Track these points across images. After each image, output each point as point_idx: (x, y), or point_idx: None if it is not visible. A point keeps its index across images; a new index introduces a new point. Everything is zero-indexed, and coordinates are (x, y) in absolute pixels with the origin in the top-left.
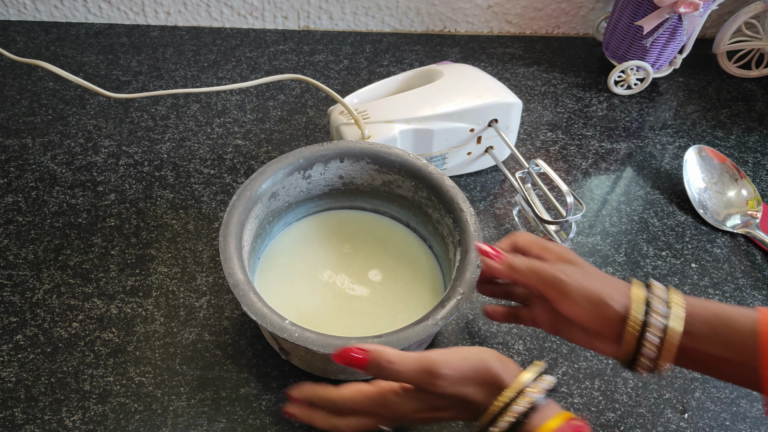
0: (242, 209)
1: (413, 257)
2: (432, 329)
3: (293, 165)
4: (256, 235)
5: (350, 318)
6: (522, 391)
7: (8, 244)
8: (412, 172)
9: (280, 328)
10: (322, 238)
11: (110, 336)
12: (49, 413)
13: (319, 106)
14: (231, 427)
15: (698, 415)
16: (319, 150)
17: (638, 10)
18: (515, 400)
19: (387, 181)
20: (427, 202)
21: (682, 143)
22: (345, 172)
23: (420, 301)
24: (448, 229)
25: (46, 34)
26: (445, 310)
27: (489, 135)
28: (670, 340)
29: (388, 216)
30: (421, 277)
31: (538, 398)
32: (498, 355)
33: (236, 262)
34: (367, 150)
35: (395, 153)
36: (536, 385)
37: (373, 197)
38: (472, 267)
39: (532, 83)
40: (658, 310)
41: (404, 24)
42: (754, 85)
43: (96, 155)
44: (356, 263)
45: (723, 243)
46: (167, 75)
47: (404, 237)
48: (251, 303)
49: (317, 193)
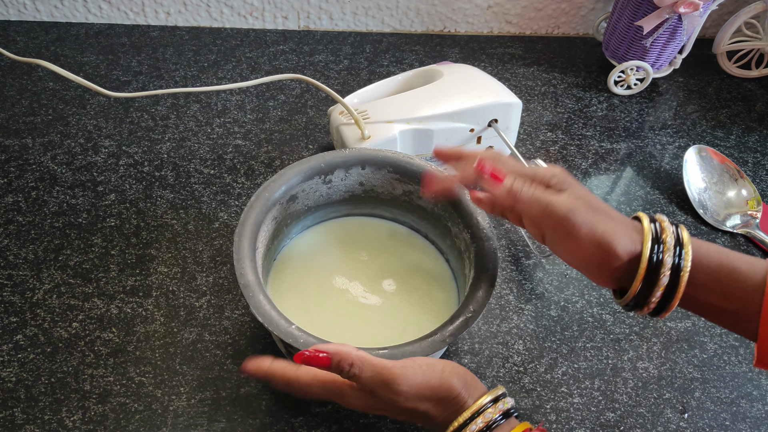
0: (259, 210)
1: (429, 270)
2: (439, 346)
3: (314, 169)
4: (273, 237)
5: (360, 327)
6: (480, 412)
7: (8, 244)
8: None
9: (286, 332)
10: (340, 243)
11: (110, 336)
12: (49, 413)
13: (319, 106)
14: (231, 427)
15: (698, 415)
16: (341, 156)
17: (638, 10)
18: (474, 420)
19: (407, 191)
20: (446, 215)
21: (682, 143)
22: (366, 180)
23: (432, 315)
24: (465, 244)
25: (46, 34)
26: (453, 327)
27: (489, 135)
28: (681, 284)
29: (408, 226)
30: (435, 291)
31: (496, 418)
32: (460, 372)
33: (248, 263)
34: (389, 159)
35: (417, 164)
36: (495, 407)
37: (393, 206)
38: (485, 285)
39: (532, 83)
40: (669, 248)
41: (404, 24)
42: (754, 85)
43: (96, 155)
44: (371, 271)
45: (723, 243)
46: (167, 75)
47: (422, 249)
48: (260, 305)
49: (337, 199)
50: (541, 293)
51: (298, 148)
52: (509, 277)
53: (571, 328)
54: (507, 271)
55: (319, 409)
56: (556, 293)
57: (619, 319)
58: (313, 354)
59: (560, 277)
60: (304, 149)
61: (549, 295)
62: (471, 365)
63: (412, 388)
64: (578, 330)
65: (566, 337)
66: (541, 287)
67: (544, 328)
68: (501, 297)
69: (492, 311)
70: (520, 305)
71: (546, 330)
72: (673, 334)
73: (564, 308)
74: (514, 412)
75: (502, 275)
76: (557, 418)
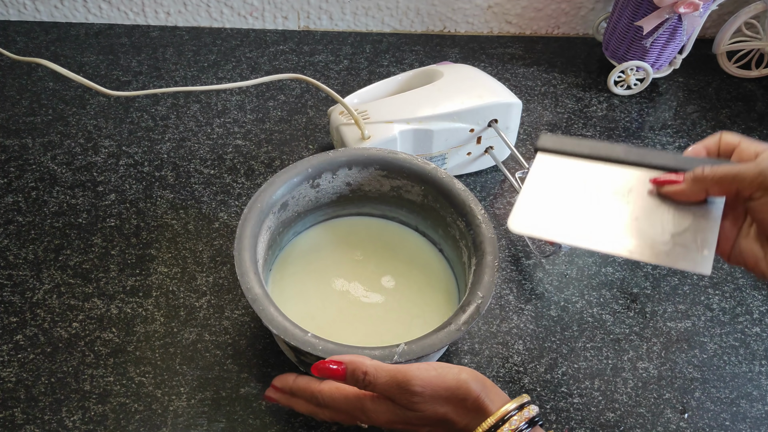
0: (254, 221)
1: (425, 262)
2: (455, 335)
3: (302, 174)
4: (268, 247)
5: (367, 326)
6: (505, 420)
7: (8, 244)
8: (421, 176)
9: (303, 341)
10: (332, 246)
11: (110, 336)
12: (49, 413)
13: (319, 106)
14: (231, 427)
15: (698, 415)
16: (327, 158)
17: (638, 10)
18: (500, 427)
19: (395, 186)
20: (438, 206)
21: (682, 143)
22: (353, 179)
23: (435, 306)
24: (460, 232)
25: (46, 34)
26: (466, 315)
27: (489, 135)
28: None
29: (397, 221)
30: (434, 282)
31: (522, 426)
32: (478, 376)
33: (253, 276)
34: (375, 156)
35: (403, 158)
36: (520, 414)
37: (381, 203)
38: (489, 270)
39: (532, 83)
40: None
41: (404, 24)
42: (754, 86)
43: (96, 155)
44: (368, 270)
45: None
46: (167, 75)
47: (414, 242)
48: (272, 318)
49: (325, 201)
50: (541, 293)
51: (298, 148)
52: (509, 277)
53: (571, 328)
54: (507, 271)
55: None
56: (556, 293)
57: (619, 319)
58: (327, 365)
59: (560, 277)
60: (304, 149)
61: (549, 295)
62: (471, 365)
63: (427, 388)
64: (578, 330)
65: (566, 337)
66: (541, 287)
67: (544, 328)
68: (501, 297)
69: (492, 311)
70: (520, 305)
71: (546, 330)
72: (673, 334)
73: (564, 308)
74: (539, 420)
75: (502, 275)
76: (557, 418)
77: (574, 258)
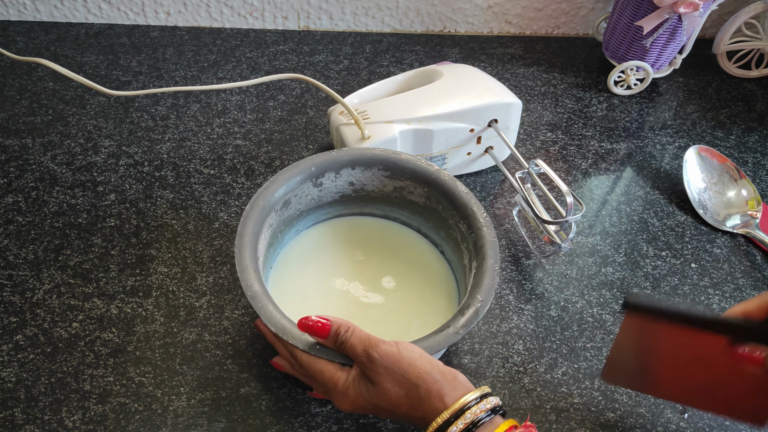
0: (256, 219)
1: (426, 263)
2: (453, 338)
3: (305, 173)
4: (269, 244)
5: (366, 326)
6: (464, 409)
7: (8, 244)
8: (424, 178)
9: (301, 340)
10: (334, 245)
11: (110, 336)
12: (49, 413)
13: (319, 106)
14: (231, 427)
15: (698, 415)
16: (331, 157)
17: (638, 10)
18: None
19: (398, 187)
20: (440, 208)
21: (682, 143)
22: (356, 179)
23: (435, 308)
24: (461, 235)
25: (46, 34)
26: (465, 318)
27: (489, 135)
28: None
29: (399, 222)
30: (434, 284)
31: (481, 416)
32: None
33: (252, 274)
34: (378, 157)
35: (407, 159)
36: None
37: (384, 203)
38: (489, 273)
39: (532, 83)
40: None
41: (404, 24)
42: (754, 86)
43: (96, 155)
44: (369, 270)
45: (723, 243)
46: (167, 75)
47: (415, 243)
48: (271, 316)
49: (327, 201)
50: (541, 293)
51: (298, 149)
52: (509, 277)
53: (571, 328)
54: (507, 271)
55: (319, 410)
56: (556, 293)
57: (619, 319)
58: (315, 322)
59: (560, 277)
60: (304, 149)
61: (549, 295)
62: (471, 365)
63: (384, 359)
64: (578, 330)
65: (566, 337)
66: (541, 287)
67: (544, 328)
68: (501, 297)
69: (492, 311)
70: (520, 305)
71: (546, 330)
72: None
73: (564, 308)
74: (500, 410)
75: (502, 275)
76: (557, 418)
77: (574, 258)
